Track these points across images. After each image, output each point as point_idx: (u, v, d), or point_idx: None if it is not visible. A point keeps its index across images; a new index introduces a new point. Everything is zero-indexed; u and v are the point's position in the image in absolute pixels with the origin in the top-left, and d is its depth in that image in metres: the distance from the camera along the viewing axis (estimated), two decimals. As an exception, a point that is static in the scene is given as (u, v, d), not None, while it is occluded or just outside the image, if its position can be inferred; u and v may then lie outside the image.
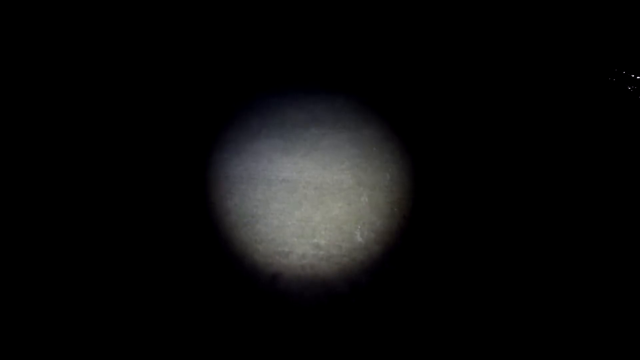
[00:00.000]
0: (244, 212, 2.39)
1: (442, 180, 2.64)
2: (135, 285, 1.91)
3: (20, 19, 3.06)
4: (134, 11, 3.50)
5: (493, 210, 2.38)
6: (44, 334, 1.72)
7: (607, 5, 2.96)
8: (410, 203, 2.46)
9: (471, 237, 2.19)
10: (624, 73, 2.83)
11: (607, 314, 1.79)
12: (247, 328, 1.76)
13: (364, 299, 1.88)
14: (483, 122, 3.15)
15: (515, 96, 3.19)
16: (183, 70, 3.62)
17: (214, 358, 1.63)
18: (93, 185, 2.56)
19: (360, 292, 1.90)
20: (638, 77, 2.83)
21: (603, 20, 3.07)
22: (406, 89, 3.62)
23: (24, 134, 2.77)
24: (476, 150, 2.89)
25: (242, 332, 1.74)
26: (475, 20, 3.63)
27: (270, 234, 2.24)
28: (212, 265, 2.01)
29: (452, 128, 3.13)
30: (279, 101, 3.55)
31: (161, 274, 1.96)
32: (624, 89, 2.78)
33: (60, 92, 3.06)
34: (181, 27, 3.71)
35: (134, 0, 3.44)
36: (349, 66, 3.78)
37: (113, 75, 3.41)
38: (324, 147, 2.97)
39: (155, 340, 1.70)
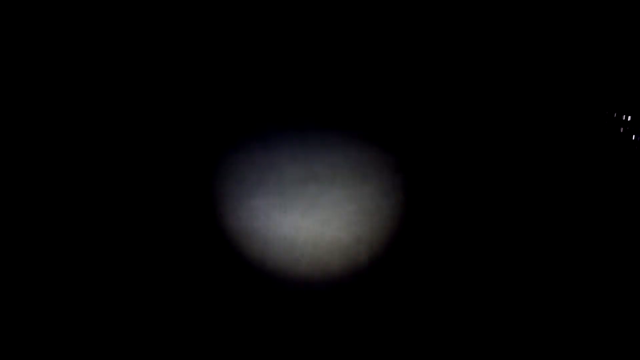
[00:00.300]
0: (239, 270, 2.31)
1: (443, 236, 2.59)
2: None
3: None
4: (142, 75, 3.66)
5: (495, 264, 2.30)
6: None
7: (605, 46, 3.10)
8: (412, 259, 2.39)
9: (474, 294, 2.10)
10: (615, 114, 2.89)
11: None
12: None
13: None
14: (485, 171, 3.16)
15: (510, 146, 3.23)
16: (182, 119, 3.71)
17: None
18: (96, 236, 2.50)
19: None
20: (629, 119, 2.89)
21: (598, 60, 3.20)
22: (404, 143, 3.68)
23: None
24: (476, 205, 2.86)
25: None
26: (471, 68, 3.79)
27: (267, 294, 2.14)
28: (205, 326, 1.90)
29: (451, 183, 3.13)
30: (278, 157, 3.59)
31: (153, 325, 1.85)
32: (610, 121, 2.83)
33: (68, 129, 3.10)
34: (180, 84, 3.86)
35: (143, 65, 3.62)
36: (347, 119, 3.88)
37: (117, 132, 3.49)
38: (323, 204, 2.95)
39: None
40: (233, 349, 1.79)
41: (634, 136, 2.88)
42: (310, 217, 2.80)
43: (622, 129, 2.90)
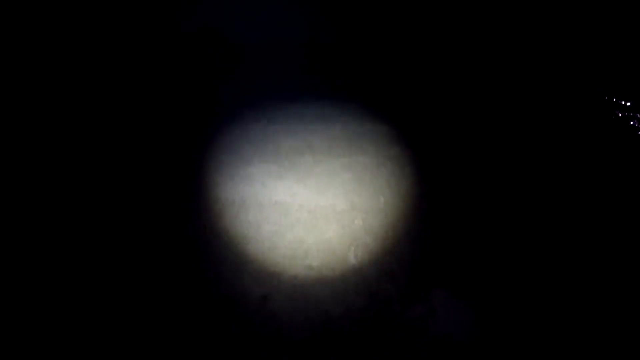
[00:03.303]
0: (236, 234, 2.34)
1: (435, 203, 2.63)
2: (124, 304, 1.82)
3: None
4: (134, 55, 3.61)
5: (487, 230, 2.34)
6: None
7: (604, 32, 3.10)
8: (404, 225, 2.43)
9: (466, 257, 2.15)
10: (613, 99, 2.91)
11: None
12: (235, 350, 1.66)
13: (357, 321, 1.80)
14: (477, 150, 3.18)
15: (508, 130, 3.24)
16: (179, 94, 3.68)
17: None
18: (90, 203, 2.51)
19: (353, 314, 1.82)
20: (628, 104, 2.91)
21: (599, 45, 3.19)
22: (399, 117, 3.69)
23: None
24: (469, 176, 2.89)
25: (231, 353, 1.64)
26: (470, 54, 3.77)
27: (262, 256, 2.18)
28: (203, 287, 1.94)
29: (446, 153, 3.15)
30: (275, 129, 3.59)
31: (151, 295, 1.88)
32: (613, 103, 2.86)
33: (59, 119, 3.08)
34: (177, 63, 3.81)
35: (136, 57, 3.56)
36: (346, 93, 3.86)
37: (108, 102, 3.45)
38: (319, 173, 2.97)
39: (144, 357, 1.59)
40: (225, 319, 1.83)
41: (631, 122, 2.90)
42: (305, 185, 2.82)
43: (620, 114, 2.92)
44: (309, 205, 2.60)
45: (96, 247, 2.16)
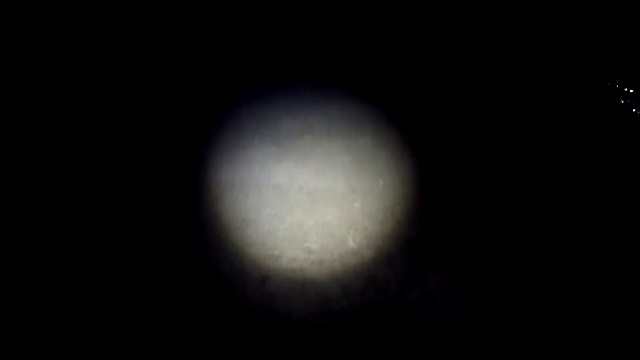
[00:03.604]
0: (235, 217, 2.36)
1: (434, 186, 2.63)
2: (123, 284, 1.85)
3: (14, 19, 3.08)
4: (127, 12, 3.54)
5: (486, 214, 2.36)
6: (40, 331, 1.65)
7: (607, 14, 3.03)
8: (403, 209, 2.44)
9: (464, 242, 2.17)
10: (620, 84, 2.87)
11: (605, 312, 1.75)
12: (234, 332, 1.70)
13: (355, 303, 1.83)
14: (476, 131, 3.17)
15: (510, 104, 3.21)
16: (177, 75, 3.64)
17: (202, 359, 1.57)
18: (83, 186, 2.52)
19: (351, 296, 1.86)
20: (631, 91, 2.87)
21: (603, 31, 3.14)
22: (400, 98, 3.65)
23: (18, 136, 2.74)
24: (468, 158, 2.89)
25: (230, 335, 1.68)
26: (472, 32, 3.70)
27: (261, 238, 2.20)
28: (202, 268, 1.97)
29: (445, 136, 3.14)
30: (274, 110, 3.56)
31: (150, 275, 1.91)
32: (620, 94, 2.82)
33: (42, 93, 3.06)
34: (174, 33, 3.75)
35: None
36: (345, 75, 3.82)
37: (104, 77, 3.42)
38: (318, 155, 2.97)
39: (141, 339, 1.64)
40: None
41: (634, 109, 2.87)
42: (304, 167, 2.82)
43: (622, 101, 2.88)
44: (308, 188, 2.61)
45: (94, 230, 2.19)
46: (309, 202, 2.51)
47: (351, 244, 2.19)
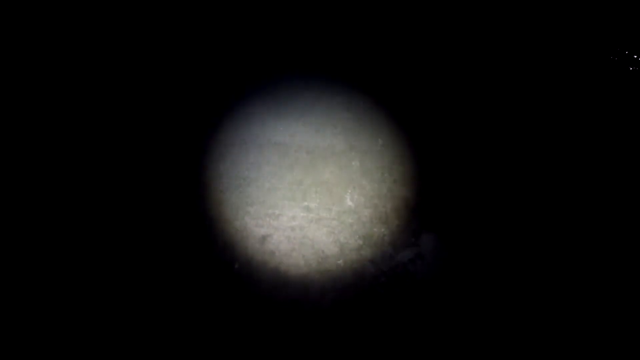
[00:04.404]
0: (236, 175, 2.41)
1: (432, 146, 2.65)
2: (128, 243, 1.95)
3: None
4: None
5: (480, 178, 2.40)
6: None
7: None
8: (401, 169, 2.48)
9: (459, 203, 2.23)
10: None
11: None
12: (236, 290, 1.82)
13: (350, 260, 1.94)
14: (475, 96, 3.11)
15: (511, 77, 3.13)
16: (175, 38, 3.52)
17: (207, 320, 1.70)
18: (84, 162, 2.56)
19: (347, 254, 1.96)
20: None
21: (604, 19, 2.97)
22: (402, 58, 3.54)
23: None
24: (467, 123, 2.87)
25: (230, 294, 1.80)
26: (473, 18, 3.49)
27: (262, 197, 2.27)
28: (203, 227, 2.06)
29: (445, 100, 3.09)
30: (274, 66, 3.48)
31: (154, 237, 2.01)
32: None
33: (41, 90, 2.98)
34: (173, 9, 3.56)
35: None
36: (347, 35, 3.67)
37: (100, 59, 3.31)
38: (318, 111, 2.95)
39: (148, 298, 1.76)
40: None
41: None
42: (304, 123, 2.82)
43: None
44: (308, 146, 2.64)
45: (101, 198, 2.25)
46: (309, 160, 2.55)
47: (349, 202, 2.26)
